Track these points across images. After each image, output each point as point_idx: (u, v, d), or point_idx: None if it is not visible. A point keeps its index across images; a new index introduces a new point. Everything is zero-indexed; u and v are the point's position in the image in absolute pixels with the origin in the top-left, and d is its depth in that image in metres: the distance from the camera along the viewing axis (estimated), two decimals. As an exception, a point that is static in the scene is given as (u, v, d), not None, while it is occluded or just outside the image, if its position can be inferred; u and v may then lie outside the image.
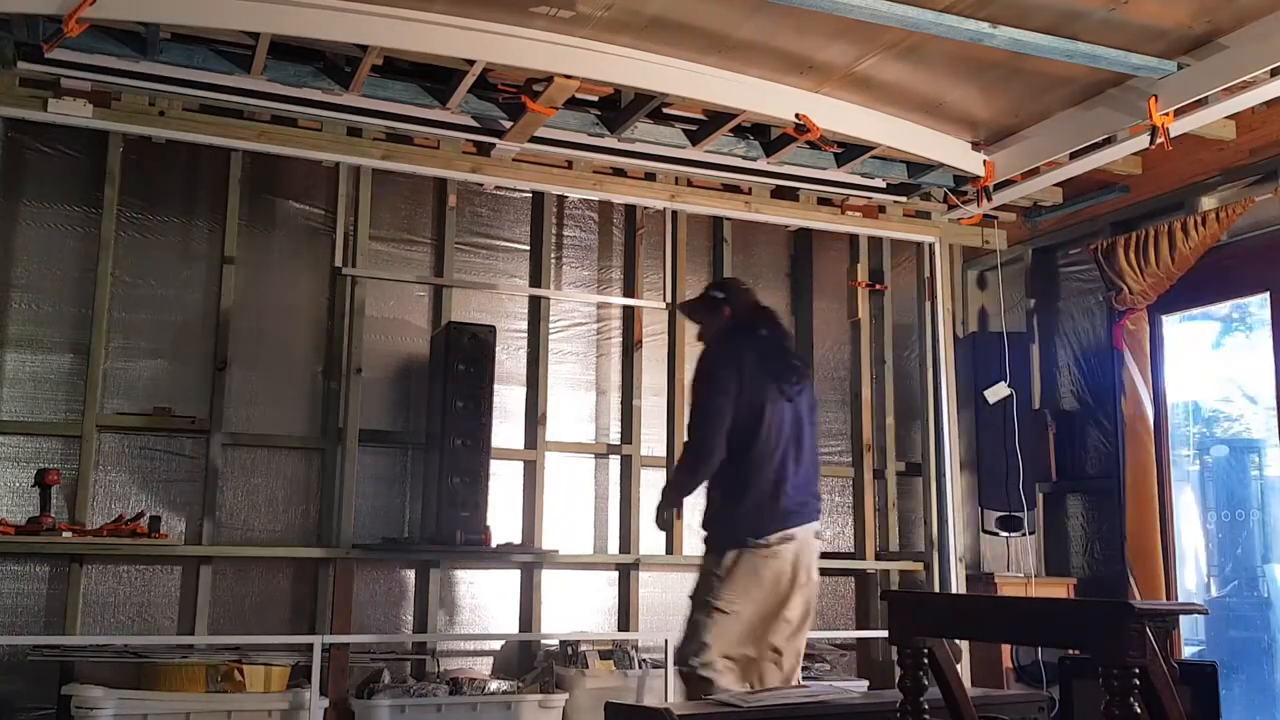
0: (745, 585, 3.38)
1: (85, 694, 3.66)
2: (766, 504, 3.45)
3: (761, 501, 3.45)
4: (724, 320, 3.69)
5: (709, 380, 3.51)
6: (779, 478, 3.47)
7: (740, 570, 3.41)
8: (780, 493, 3.47)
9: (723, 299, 3.73)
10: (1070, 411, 5.32)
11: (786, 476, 3.49)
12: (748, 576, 3.40)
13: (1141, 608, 2.01)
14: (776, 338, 3.70)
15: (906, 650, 2.35)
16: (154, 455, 4.39)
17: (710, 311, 3.74)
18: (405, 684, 4.27)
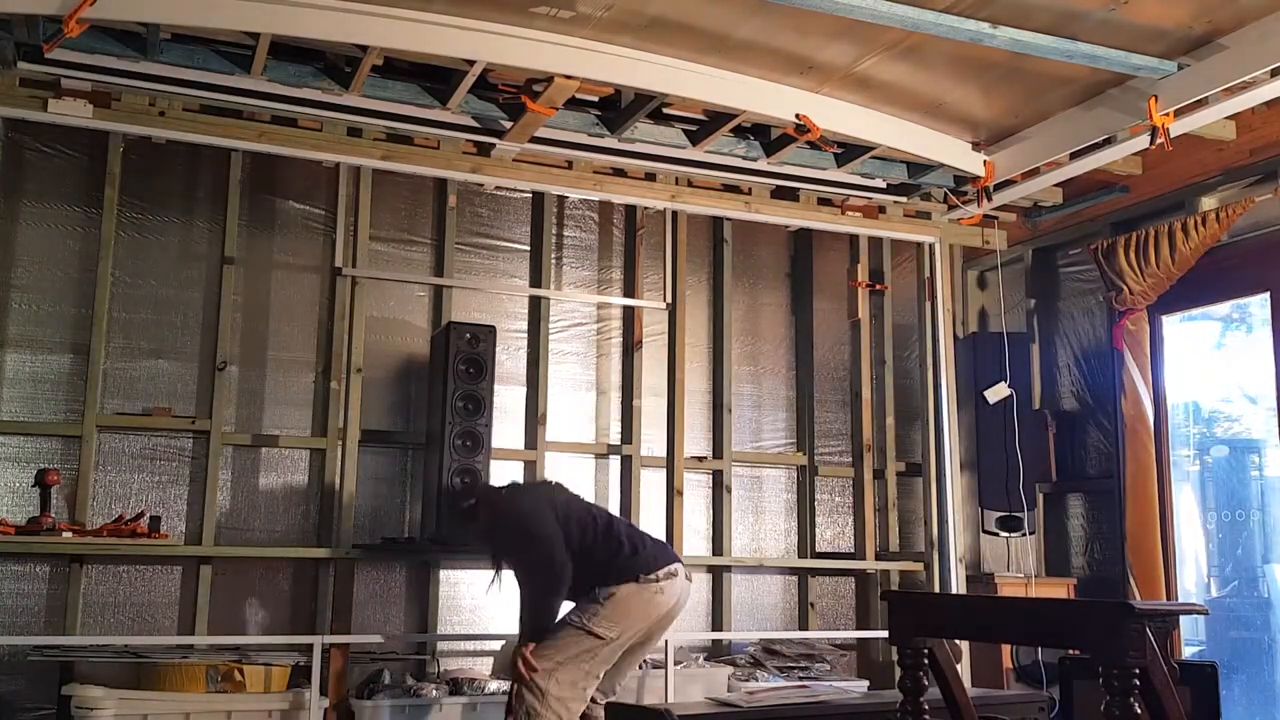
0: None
1: (85, 694, 3.66)
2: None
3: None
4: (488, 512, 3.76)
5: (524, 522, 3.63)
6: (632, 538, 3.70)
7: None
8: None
9: (476, 503, 3.82)
10: (1070, 411, 5.33)
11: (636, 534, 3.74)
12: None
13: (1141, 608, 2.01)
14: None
15: (906, 650, 2.35)
16: (154, 455, 4.39)
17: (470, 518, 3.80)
18: (405, 684, 4.27)
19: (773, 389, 5.52)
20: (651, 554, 3.66)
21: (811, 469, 5.45)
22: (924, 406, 5.30)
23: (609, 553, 3.61)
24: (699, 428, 5.23)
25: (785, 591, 5.32)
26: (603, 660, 3.52)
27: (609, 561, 3.60)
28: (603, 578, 3.58)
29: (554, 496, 3.79)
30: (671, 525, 5.00)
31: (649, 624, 3.58)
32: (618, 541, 3.65)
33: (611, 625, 3.50)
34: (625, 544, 3.64)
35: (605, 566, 3.60)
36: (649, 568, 3.61)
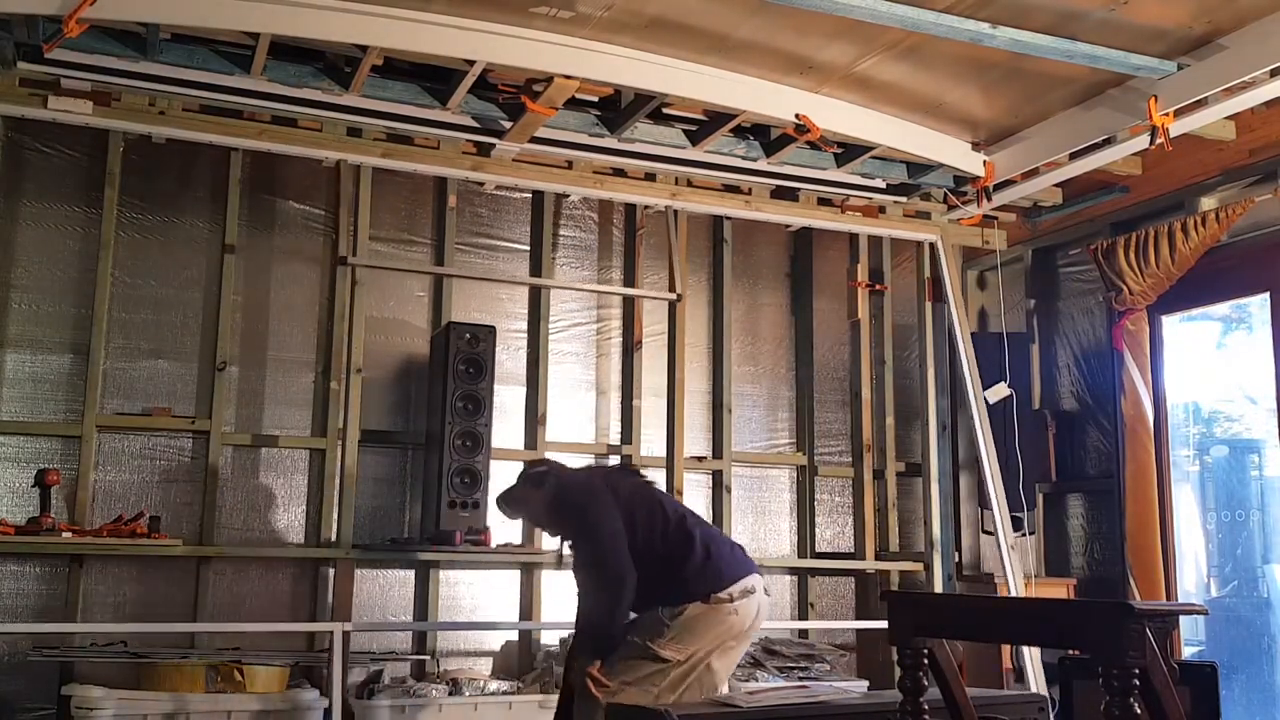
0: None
1: (85, 694, 3.66)
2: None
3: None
4: (554, 490, 3.47)
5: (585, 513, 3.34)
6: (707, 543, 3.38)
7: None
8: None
9: (545, 471, 3.55)
10: (1070, 412, 5.33)
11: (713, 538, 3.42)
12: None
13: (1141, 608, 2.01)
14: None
15: (906, 650, 2.35)
16: (154, 455, 4.39)
17: (537, 486, 3.52)
18: (405, 684, 4.27)
19: (773, 389, 5.52)
20: (726, 565, 3.30)
21: (811, 469, 5.45)
22: (924, 406, 5.30)
23: (678, 559, 3.27)
24: (699, 428, 5.23)
25: (785, 591, 5.32)
26: (674, 682, 3.19)
27: (676, 570, 3.26)
28: (668, 590, 3.24)
29: (618, 482, 3.47)
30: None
31: (724, 642, 3.25)
32: (688, 545, 3.29)
33: (680, 648, 3.18)
34: (697, 549, 3.28)
35: (672, 576, 3.26)
36: (720, 583, 3.25)
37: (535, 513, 3.59)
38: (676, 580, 3.24)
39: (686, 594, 3.22)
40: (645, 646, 3.19)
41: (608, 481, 3.50)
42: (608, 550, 3.24)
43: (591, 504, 3.34)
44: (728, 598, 3.23)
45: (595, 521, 3.29)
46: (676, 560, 3.26)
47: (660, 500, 3.44)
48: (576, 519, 3.37)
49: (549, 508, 3.47)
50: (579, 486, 3.46)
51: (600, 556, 3.26)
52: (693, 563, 3.25)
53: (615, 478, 3.59)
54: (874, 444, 5.41)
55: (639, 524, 3.30)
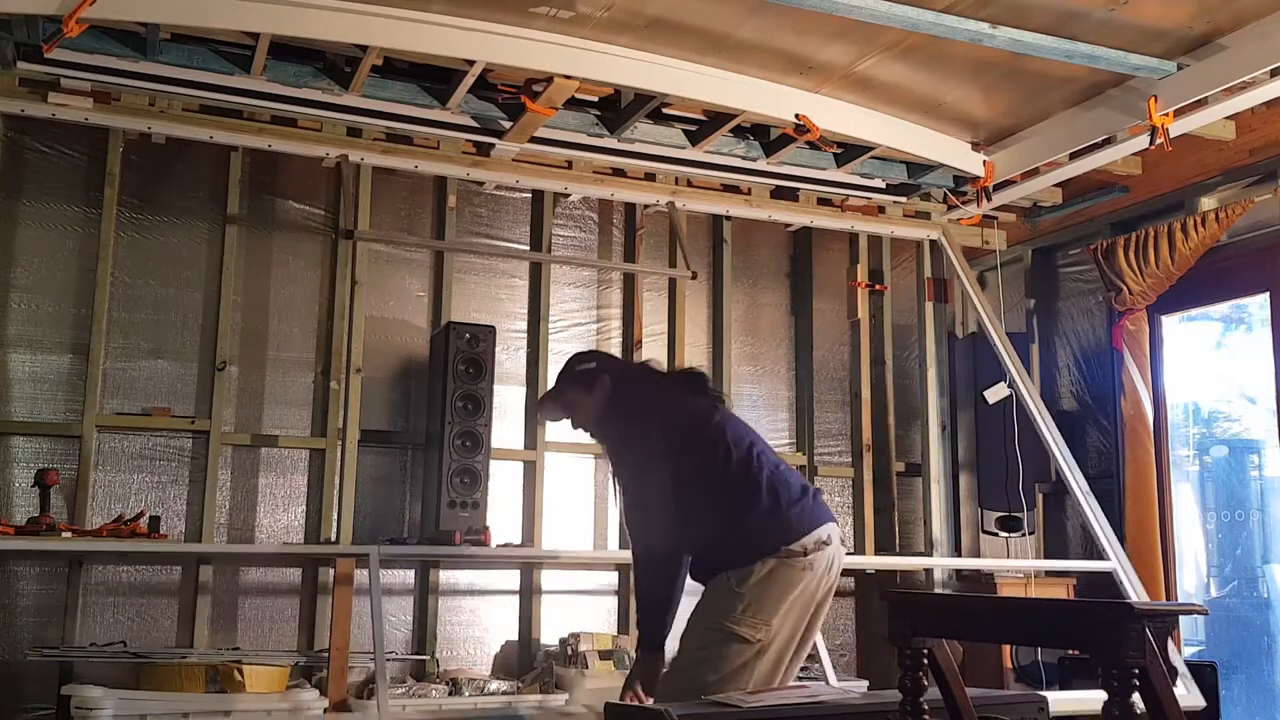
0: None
1: (85, 694, 3.66)
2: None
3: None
4: (605, 394, 3.08)
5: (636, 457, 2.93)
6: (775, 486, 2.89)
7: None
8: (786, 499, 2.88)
9: (596, 369, 3.13)
10: (1070, 412, 5.32)
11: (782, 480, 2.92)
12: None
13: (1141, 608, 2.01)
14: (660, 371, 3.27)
15: (906, 650, 2.35)
16: (154, 455, 4.39)
17: (588, 390, 3.11)
18: (405, 684, 4.27)
19: (773, 389, 5.51)
20: (795, 513, 2.80)
21: (811, 469, 5.44)
22: (924, 406, 5.30)
23: (740, 508, 2.80)
24: (699, 428, 5.22)
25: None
26: (763, 675, 2.73)
27: (738, 522, 2.79)
28: (731, 547, 2.77)
29: (679, 405, 2.99)
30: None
31: (801, 613, 2.77)
32: (752, 491, 2.81)
33: (759, 623, 2.70)
34: (762, 496, 2.80)
35: (733, 529, 2.79)
36: (792, 532, 2.76)
37: (579, 420, 3.18)
38: (739, 534, 2.78)
39: (752, 550, 2.75)
40: (721, 629, 2.71)
41: (670, 405, 3.00)
42: (639, 516, 2.86)
43: (638, 444, 2.91)
44: (801, 550, 2.75)
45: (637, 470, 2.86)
46: (738, 509, 2.81)
47: (723, 432, 2.93)
48: (615, 453, 3.00)
49: (594, 422, 3.10)
50: (633, 412, 2.99)
51: (631, 520, 2.89)
52: (757, 511, 2.78)
53: (678, 398, 3.04)
54: (874, 444, 5.41)
55: (692, 468, 2.86)
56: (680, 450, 2.88)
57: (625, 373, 3.17)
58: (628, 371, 3.20)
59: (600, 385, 3.09)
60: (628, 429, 2.99)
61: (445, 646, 4.65)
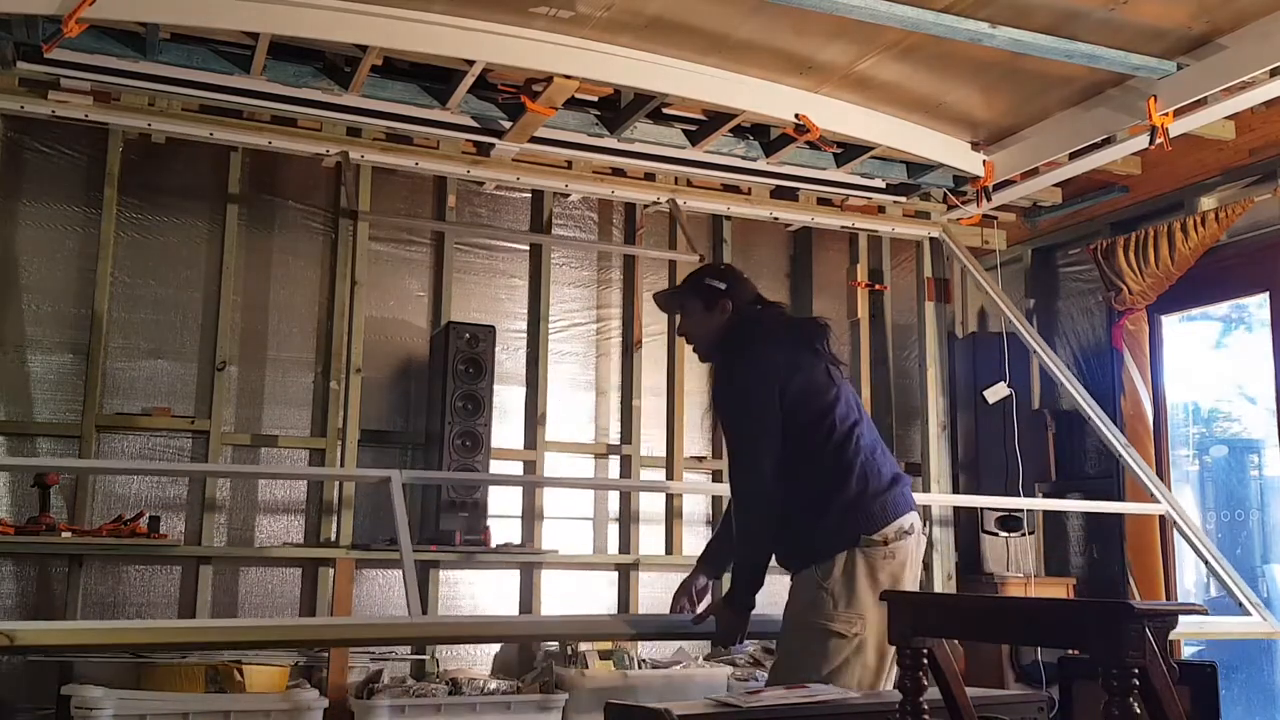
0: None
1: (85, 694, 3.66)
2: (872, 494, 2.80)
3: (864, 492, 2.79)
4: (724, 318, 3.00)
5: (747, 399, 2.81)
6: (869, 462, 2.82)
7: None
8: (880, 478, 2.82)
9: (724, 290, 3.01)
10: (1070, 411, 5.32)
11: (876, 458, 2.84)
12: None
13: (1141, 608, 2.01)
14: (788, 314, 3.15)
15: (906, 650, 2.35)
16: (154, 455, 4.39)
17: (707, 306, 3.01)
18: (405, 684, 4.27)
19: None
20: (883, 501, 2.75)
21: (811, 469, 5.44)
22: (924, 406, 5.30)
23: (830, 484, 2.74)
24: (698, 427, 5.23)
25: (785, 591, 5.31)
26: (869, 671, 2.70)
27: (824, 501, 2.74)
28: (811, 531, 2.73)
29: (798, 363, 2.84)
30: (670, 525, 5.01)
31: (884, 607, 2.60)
32: (846, 468, 2.75)
33: (853, 615, 2.66)
34: (854, 478, 2.74)
35: (818, 507, 2.74)
36: (873, 522, 2.72)
37: (687, 327, 3.05)
38: (822, 518, 2.74)
39: (831, 540, 2.71)
40: (817, 626, 2.67)
41: (790, 362, 2.85)
42: (746, 463, 2.76)
43: (752, 389, 2.78)
44: (881, 540, 2.71)
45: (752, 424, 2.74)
46: (825, 490, 2.75)
47: (833, 407, 2.83)
48: (724, 390, 2.88)
49: (704, 341, 2.99)
50: (752, 356, 2.86)
51: (737, 465, 2.80)
52: (843, 497, 2.73)
53: (799, 357, 2.88)
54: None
55: (795, 434, 2.76)
56: (790, 412, 2.78)
57: (750, 308, 3.01)
58: (753, 307, 3.01)
59: (720, 308, 2.98)
60: (742, 370, 2.86)
61: (445, 646, 4.64)
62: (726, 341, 2.96)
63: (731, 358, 2.92)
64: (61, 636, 3.02)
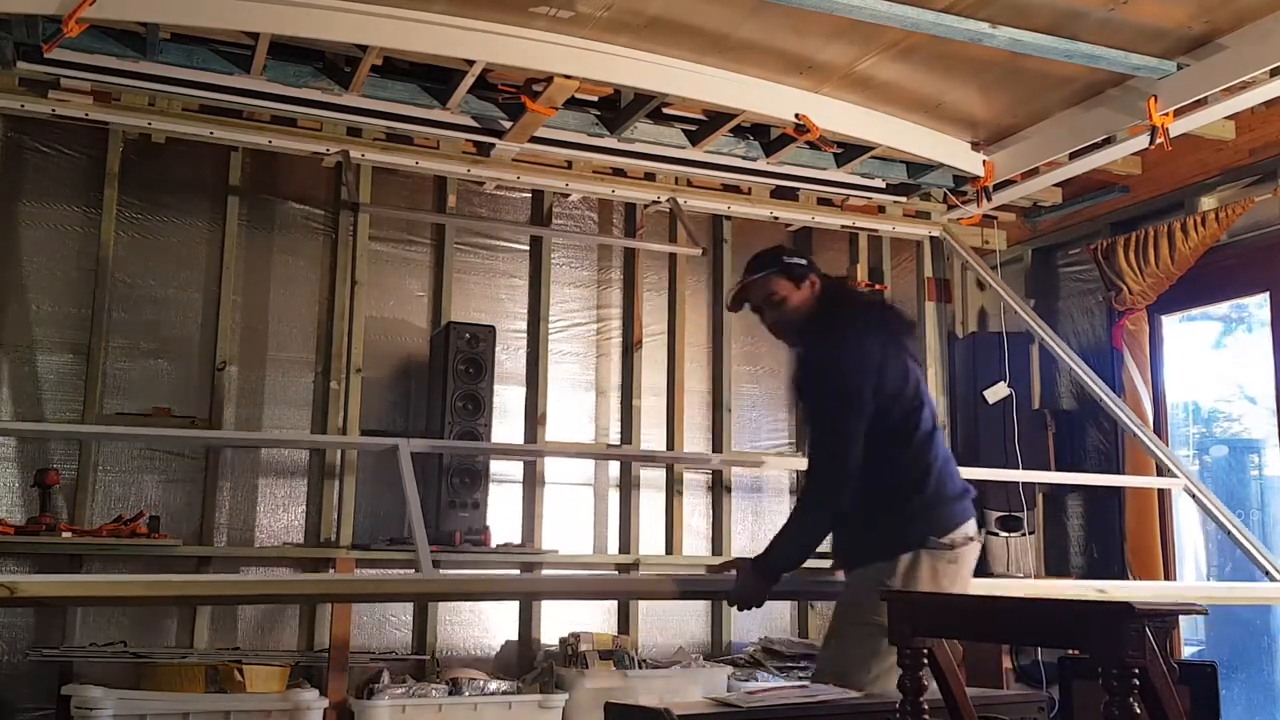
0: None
1: (85, 694, 3.66)
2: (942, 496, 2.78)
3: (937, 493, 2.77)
4: (813, 295, 2.92)
5: (842, 380, 2.72)
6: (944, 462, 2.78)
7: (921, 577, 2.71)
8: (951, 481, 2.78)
9: (808, 265, 2.93)
10: (1070, 411, 5.32)
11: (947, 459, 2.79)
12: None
13: (1141, 608, 2.01)
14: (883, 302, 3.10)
15: (906, 650, 2.35)
16: (154, 455, 4.39)
17: (797, 285, 2.94)
18: (405, 684, 4.27)
19: (773, 389, 5.51)
20: (954, 507, 2.74)
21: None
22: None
23: (910, 485, 2.72)
24: (699, 428, 5.23)
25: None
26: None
27: (903, 501, 2.72)
28: (882, 531, 2.71)
29: (889, 357, 2.76)
30: (671, 525, 5.01)
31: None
32: (926, 470, 2.73)
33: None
34: (932, 481, 2.73)
35: (894, 507, 2.72)
36: (943, 526, 2.70)
37: (774, 317, 2.97)
38: (896, 518, 2.71)
39: (900, 538, 2.70)
40: (872, 624, 2.62)
41: (880, 350, 2.77)
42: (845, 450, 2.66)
43: (842, 375, 2.69)
44: (949, 544, 2.71)
45: (843, 406, 2.64)
46: (904, 491, 2.72)
47: (919, 408, 2.79)
48: (808, 373, 2.79)
49: (792, 325, 2.90)
50: (842, 340, 2.77)
51: (818, 449, 2.71)
52: (921, 498, 2.71)
53: (887, 346, 2.82)
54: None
55: (880, 429, 2.70)
56: (880, 407, 2.72)
57: (834, 283, 2.94)
58: (836, 284, 2.95)
59: (810, 284, 2.90)
60: (837, 352, 2.77)
61: (445, 646, 4.65)
62: (816, 320, 2.87)
63: (824, 337, 2.81)
64: (62, 588, 2.99)
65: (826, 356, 2.79)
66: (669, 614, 5.02)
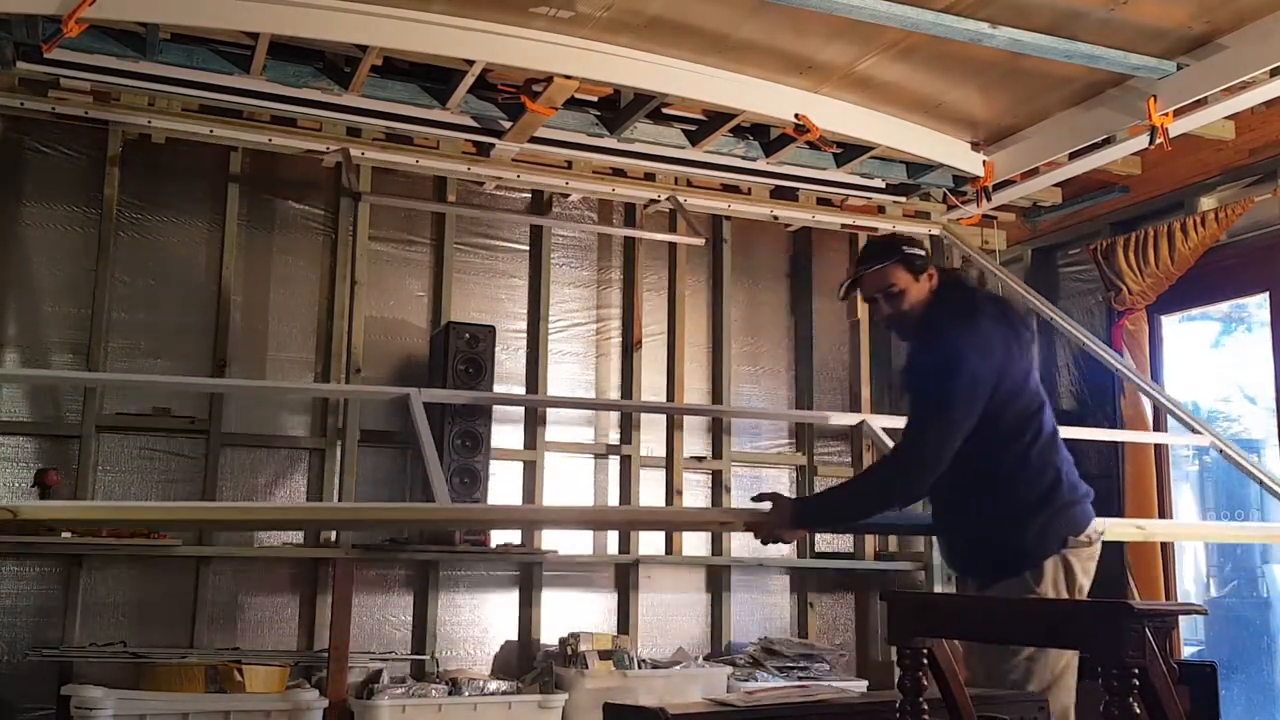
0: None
1: (85, 694, 3.66)
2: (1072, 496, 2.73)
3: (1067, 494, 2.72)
4: (931, 286, 2.83)
5: (957, 368, 2.61)
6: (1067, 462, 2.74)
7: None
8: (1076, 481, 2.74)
9: (925, 255, 2.84)
10: (1070, 411, 5.31)
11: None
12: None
13: (1141, 608, 2.01)
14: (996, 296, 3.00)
15: (906, 650, 2.35)
16: (154, 455, 4.39)
17: (915, 276, 2.82)
18: (405, 684, 4.28)
19: (773, 389, 5.51)
20: (1083, 502, 2.71)
21: (811, 469, 5.44)
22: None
23: (1041, 487, 2.66)
24: (698, 428, 5.23)
25: (785, 591, 5.32)
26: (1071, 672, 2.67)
27: (1040, 503, 2.66)
28: (1018, 541, 2.63)
29: (1009, 359, 2.68)
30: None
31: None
32: (1055, 471, 2.68)
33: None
34: (1063, 482, 2.68)
35: (1026, 516, 2.65)
36: (1078, 524, 2.66)
37: (891, 308, 2.85)
38: (1030, 526, 2.65)
39: (1043, 544, 2.65)
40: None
41: (1001, 350, 2.69)
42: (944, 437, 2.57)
43: (964, 365, 2.59)
44: (1086, 540, 2.68)
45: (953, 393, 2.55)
46: (1039, 498, 2.66)
47: (1039, 413, 2.73)
48: (920, 364, 2.71)
49: (910, 318, 2.81)
50: (974, 332, 2.68)
51: (911, 437, 2.62)
52: (1058, 500, 2.67)
53: (1010, 346, 2.74)
54: (874, 444, 5.40)
55: (994, 435, 2.62)
56: (999, 405, 2.64)
57: (951, 277, 2.87)
58: (954, 277, 2.88)
59: (928, 275, 2.82)
60: (955, 340, 2.67)
61: (445, 646, 4.65)
62: (936, 314, 2.79)
63: (947, 334, 2.71)
64: (62, 511, 2.99)
65: (949, 353, 2.66)
66: (669, 614, 5.02)
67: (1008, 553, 2.70)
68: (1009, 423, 2.68)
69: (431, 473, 3.29)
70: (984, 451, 2.66)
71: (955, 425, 2.62)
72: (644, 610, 4.93)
